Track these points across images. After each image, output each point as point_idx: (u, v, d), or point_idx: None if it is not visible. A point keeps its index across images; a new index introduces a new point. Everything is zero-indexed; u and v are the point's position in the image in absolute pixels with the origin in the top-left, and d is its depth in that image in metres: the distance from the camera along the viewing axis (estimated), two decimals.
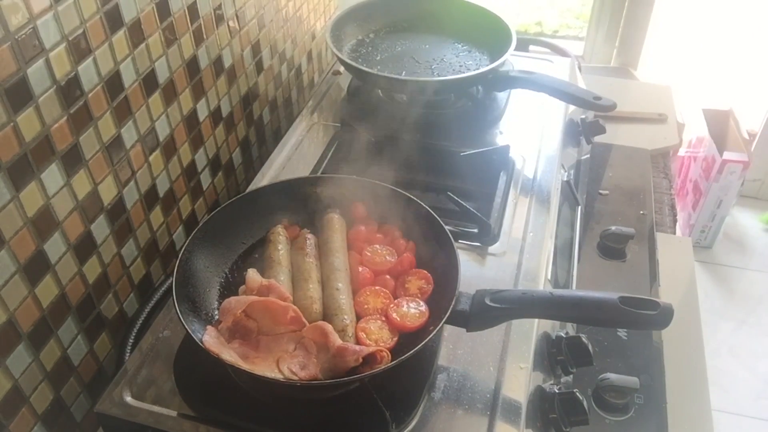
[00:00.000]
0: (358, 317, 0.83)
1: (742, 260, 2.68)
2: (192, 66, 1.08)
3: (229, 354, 0.75)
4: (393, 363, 0.73)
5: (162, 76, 1.00)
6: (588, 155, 1.44)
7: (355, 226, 0.95)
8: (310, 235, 0.93)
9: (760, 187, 2.93)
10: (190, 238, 0.86)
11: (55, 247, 0.82)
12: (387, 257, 0.91)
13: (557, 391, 0.86)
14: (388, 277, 0.88)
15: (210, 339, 0.76)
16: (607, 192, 1.41)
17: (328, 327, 0.77)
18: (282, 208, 0.97)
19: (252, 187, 1.14)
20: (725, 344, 2.35)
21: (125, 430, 0.80)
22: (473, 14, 1.41)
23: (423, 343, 0.73)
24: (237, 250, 0.92)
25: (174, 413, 0.79)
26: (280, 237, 0.92)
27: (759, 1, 2.67)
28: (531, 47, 1.95)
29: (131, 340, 0.95)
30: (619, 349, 1.06)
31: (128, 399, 0.81)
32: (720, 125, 2.62)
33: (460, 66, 1.34)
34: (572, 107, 1.36)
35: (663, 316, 0.73)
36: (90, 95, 0.84)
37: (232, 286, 0.88)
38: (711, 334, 2.36)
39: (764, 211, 2.87)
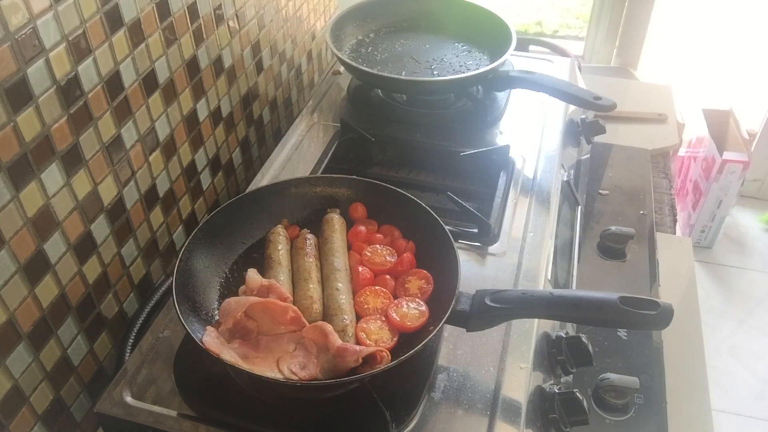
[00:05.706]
0: (358, 317, 0.83)
1: (742, 260, 2.68)
2: (192, 66, 1.08)
3: (229, 354, 0.75)
4: (393, 363, 0.73)
5: (162, 76, 1.00)
6: (588, 155, 1.44)
7: (355, 226, 0.95)
8: (310, 235, 0.93)
9: (760, 187, 2.93)
10: (190, 238, 0.86)
11: (55, 247, 0.82)
12: (387, 257, 0.91)
13: (557, 391, 0.86)
14: (388, 277, 0.88)
15: (210, 339, 0.76)
16: (607, 192, 1.41)
17: (328, 327, 0.77)
18: (282, 208, 0.97)
19: (252, 187, 1.14)
20: (725, 344, 2.35)
21: (125, 430, 0.80)
22: (473, 14, 1.41)
23: (423, 343, 0.73)
24: (237, 250, 0.92)
25: (174, 413, 0.79)
26: (280, 237, 0.92)
27: (759, 1, 2.67)
28: (531, 47, 1.95)
29: (131, 340, 0.95)
30: (619, 349, 1.06)
31: (128, 399, 0.81)
32: (720, 125, 2.61)
33: (460, 66, 1.34)
34: (572, 107, 1.36)
35: (663, 316, 0.73)
36: (90, 95, 0.84)
37: (232, 286, 0.88)
38: (711, 334, 2.36)
39: (764, 211, 2.87)
